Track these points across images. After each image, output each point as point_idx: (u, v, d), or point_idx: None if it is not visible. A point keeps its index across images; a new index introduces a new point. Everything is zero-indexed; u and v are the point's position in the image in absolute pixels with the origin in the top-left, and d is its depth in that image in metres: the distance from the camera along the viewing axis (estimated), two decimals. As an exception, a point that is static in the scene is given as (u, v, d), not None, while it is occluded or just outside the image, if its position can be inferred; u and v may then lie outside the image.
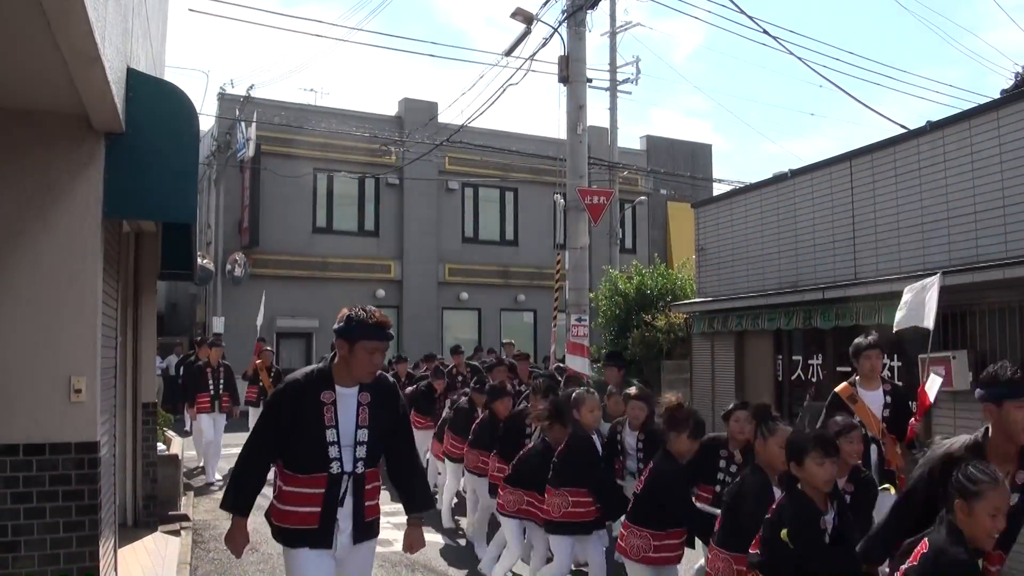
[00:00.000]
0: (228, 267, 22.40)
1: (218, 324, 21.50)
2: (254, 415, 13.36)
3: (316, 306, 23.02)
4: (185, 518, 9.22)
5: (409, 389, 12.40)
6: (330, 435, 4.20)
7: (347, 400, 4.31)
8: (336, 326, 4.27)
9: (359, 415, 4.29)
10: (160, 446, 9.27)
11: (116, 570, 6.49)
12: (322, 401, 4.24)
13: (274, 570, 7.64)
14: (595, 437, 6.58)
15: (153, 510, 8.72)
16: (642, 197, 26.04)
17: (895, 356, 9.71)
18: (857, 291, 9.85)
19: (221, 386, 12.38)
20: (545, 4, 14.05)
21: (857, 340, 7.00)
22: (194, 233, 8.51)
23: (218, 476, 12.17)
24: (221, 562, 8.00)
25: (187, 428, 15.70)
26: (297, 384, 4.32)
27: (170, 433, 11.19)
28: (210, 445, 12.38)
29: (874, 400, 6.81)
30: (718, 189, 26.44)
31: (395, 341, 24.17)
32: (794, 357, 11.50)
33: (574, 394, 6.68)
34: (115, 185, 5.08)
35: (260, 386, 13.72)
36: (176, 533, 8.61)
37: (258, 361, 14.03)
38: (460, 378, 12.99)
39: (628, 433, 7.74)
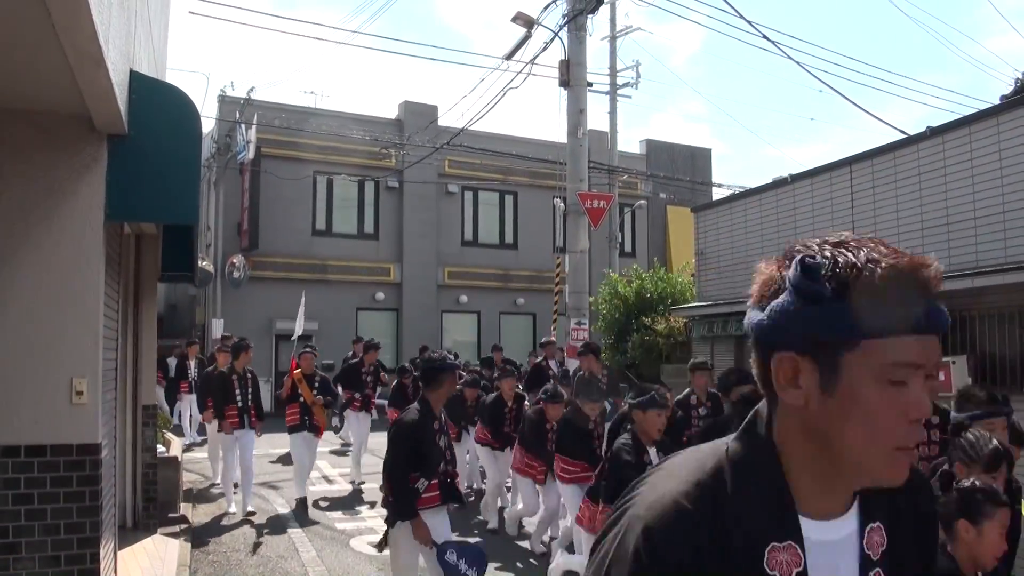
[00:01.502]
0: (228, 269, 22.40)
1: (218, 326, 21.49)
2: (304, 444, 10.90)
3: (316, 309, 22.96)
4: (184, 520, 9.22)
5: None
6: None
7: (833, 555, 1.32)
8: (767, 316, 1.29)
9: None
10: (160, 448, 9.27)
11: (116, 572, 6.49)
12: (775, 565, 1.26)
13: (272, 572, 7.63)
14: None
15: (153, 512, 8.72)
16: (641, 201, 26.06)
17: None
18: (857, 296, 9.85)
19: (249, 397, 10.28)
20: (546, 8, 14.10)
21: None
22: (196, 235, 8.52)
23: (251, 508, 10.03)
24: (220, 564, 7.99)
25: (194, 435, 15.47)
26: (686, 530, 1.24)
27: (169, 435, 11.17)
28: (247, 471, 10.14)
29: None
30: (717, 193, 26.48)
31: (393, 344, 24.21)
32: (793, 361, 11.49)
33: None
34: (118, 187, 5.10)
35: (302, 403, 10.88)
36: (176, 535, 8.61)
37: (296, 371, 11.20)
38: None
39: None
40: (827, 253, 1.29)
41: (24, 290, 4.84)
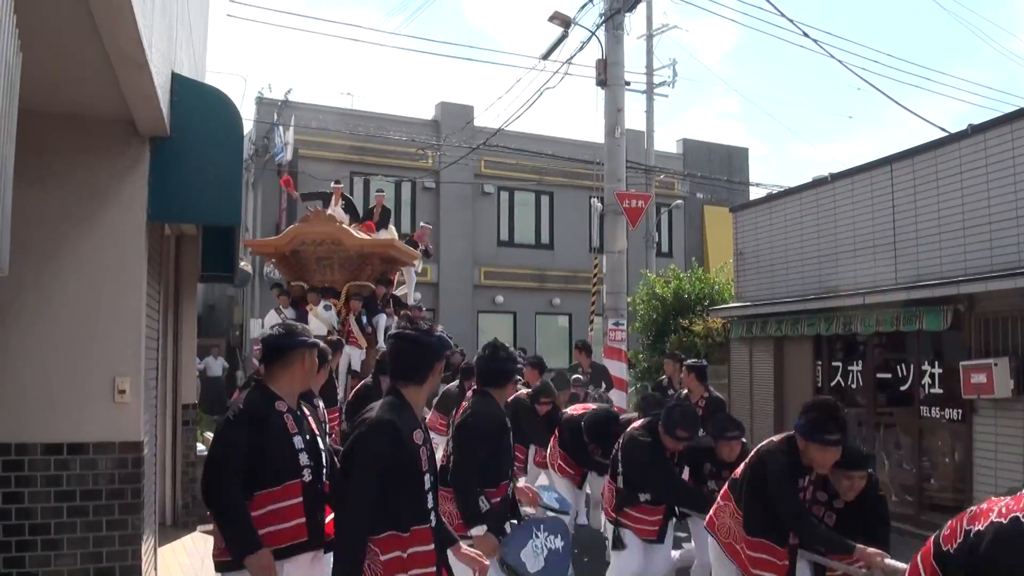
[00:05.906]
0: (266, 269, 22.56)
1: (256, 327, 21.65)
2: None
3: (352, 309, 23.10)
4: (224, 518, 9.27)
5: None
6: None
7: None
8: None
9: None
10: (199, 446, 9.35)
11: (156, 569, 6.56)
12: None
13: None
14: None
15: (192, 510, 8.80)
16: (679, 201, 25.92)
17: (935, 363, 9.59)
18: (898, 296, 9.74)
19: None
20: (583, 8, 14.07)
21: None
22: (237, 235, 8.59)
23: None
24: (259, 562, 8.01)
25: None
26: None
27: (208, 434, 11.24)
28: None
29: None
30: (755, 193, 26.27)
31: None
32: (833, 363, 11.39)
33: None
34: (160, 189, 5.16)
35: None
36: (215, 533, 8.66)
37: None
38: None
39: None
40: None
41: (67, 291, 4.91)
